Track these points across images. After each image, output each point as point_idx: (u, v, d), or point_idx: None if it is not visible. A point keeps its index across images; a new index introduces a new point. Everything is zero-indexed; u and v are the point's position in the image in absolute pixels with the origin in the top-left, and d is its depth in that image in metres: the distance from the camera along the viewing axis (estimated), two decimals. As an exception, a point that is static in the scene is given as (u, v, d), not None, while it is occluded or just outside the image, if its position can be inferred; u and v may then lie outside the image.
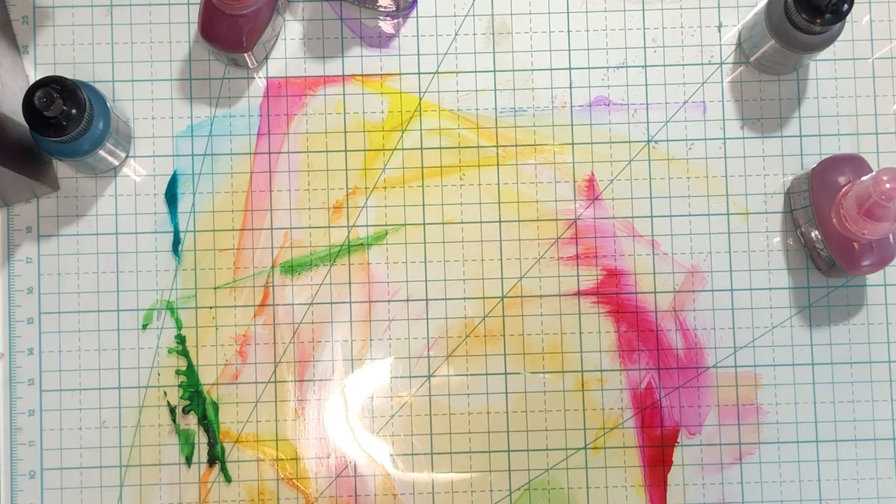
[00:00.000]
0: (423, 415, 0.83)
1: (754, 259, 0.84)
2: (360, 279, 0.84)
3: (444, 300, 0.83)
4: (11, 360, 0.83)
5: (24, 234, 0.84)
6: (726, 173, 0.84)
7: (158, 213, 0.84)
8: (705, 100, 0.85)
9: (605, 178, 0.84)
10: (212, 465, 0.83)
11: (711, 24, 0.85)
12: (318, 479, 0.83)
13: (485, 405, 0.83)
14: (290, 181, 0.84)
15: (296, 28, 0.85)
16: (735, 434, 0.83)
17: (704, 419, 0.83)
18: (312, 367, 0.83)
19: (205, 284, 0.84)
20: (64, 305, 0.83)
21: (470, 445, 0.83)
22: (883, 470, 0.83)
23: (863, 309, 0.84)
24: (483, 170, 0.84)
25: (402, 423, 0.83)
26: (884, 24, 0.85)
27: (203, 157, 0.84)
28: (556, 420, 0.83)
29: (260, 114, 0.85)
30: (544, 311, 0.83)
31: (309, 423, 0.83)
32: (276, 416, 0.83)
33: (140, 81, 0.85)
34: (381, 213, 0.84)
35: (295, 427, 0.83)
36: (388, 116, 0.85)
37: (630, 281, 0.84)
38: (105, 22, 0.85)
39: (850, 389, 0.83)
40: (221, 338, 0.83)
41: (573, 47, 0.85)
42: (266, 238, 0.84)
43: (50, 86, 0.75)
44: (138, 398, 0.83)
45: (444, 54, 0.85)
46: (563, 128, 0.85)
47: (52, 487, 0.82)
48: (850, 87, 0.85)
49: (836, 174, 0.80)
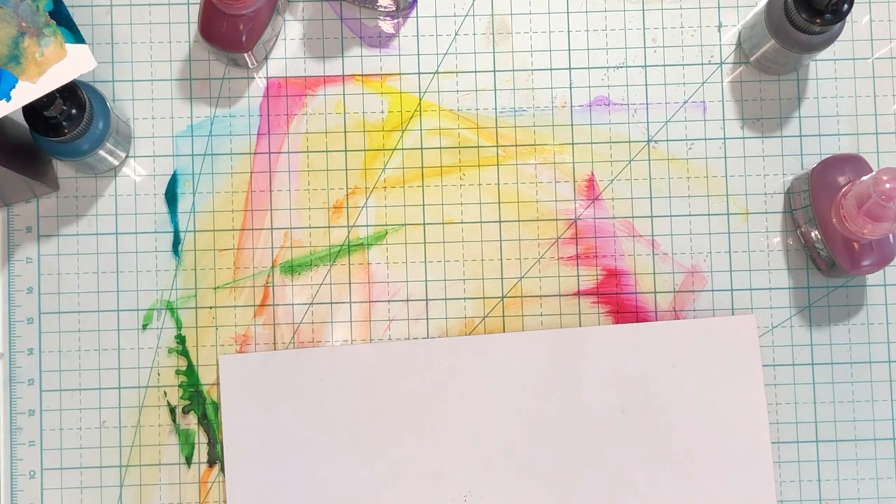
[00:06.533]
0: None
1: (754, 259, 0.84)
2: (360, 279, 0.84)
3: (444, 300, 0.84)
4: (11, 360, 0.83)
5: (24, 234, 0.84)
6: (726, 173, 0.84)
7: (158, 213, 0.84)
8: (705, 100, 0.85)
9: (605, 178, 0.84)
10: (212, 465, 0.83)
11: (711, 24, 0.85)
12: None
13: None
14: (290, 181, 0.84)
15: (296, 28, 0.85)
16: (735, 434, 0.83)
17: (704, 419, 0.84)
18: (312, 367, 0.83)
19: (205, 284, 0.84)
20: (64, 305, 0.83)
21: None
22: (883, 470, 0.83)
23: (863, 309, 0.84)
24: (483, 170, 0.84)
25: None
26: (884, 24, 0.85)
27: (203, 157, 0.84)
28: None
29: (260, 114, 0.85)
30: (544, 311, 0.83)
31: (309, 423, 0.83)
32: (276, 416, 0.83)
33: (140, 81, 0.85)
34: (381, 213, 0.84)
35: (295, 427, 0.83)
36: (388, 116, 0.85)
37: (630, 281, 0.84)
38: (105, 22, 0.85)
39: (850, 389, 0.83)
40: (221, 338, 0.83)
41: (573, 47, 0.85)
42: (266, 238, 0.84)
43: (50, 86, 0.75)
44: (138, 398, 0.83)
45: (444, 54, 0.85)
46: (563, 128, 0.85)
47: (52, 487, 0.82)
48: (850, 87, 0.85)
49: (836, 174, 0.80)
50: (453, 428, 0.81)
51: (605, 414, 0.81)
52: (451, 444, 0.81)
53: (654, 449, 0.81)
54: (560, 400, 0.81)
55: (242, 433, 0.81)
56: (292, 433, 0.81)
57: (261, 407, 0.81)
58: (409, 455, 0.81)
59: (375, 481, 0.81)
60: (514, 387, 0.81)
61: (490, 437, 0.81)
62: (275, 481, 0.81)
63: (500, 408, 0.81)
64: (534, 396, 0.81)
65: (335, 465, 0.81)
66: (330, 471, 0.81)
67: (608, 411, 0.81)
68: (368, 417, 0.81)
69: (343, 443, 0.81)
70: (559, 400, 0.81)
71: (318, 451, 0.81)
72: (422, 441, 0.81)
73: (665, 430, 0.81)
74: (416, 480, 0.81)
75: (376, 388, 0.81)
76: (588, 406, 0.81)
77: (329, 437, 0.81)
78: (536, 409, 0.81)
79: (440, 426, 0.81)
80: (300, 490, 0.81)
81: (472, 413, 0.81)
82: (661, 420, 0.81)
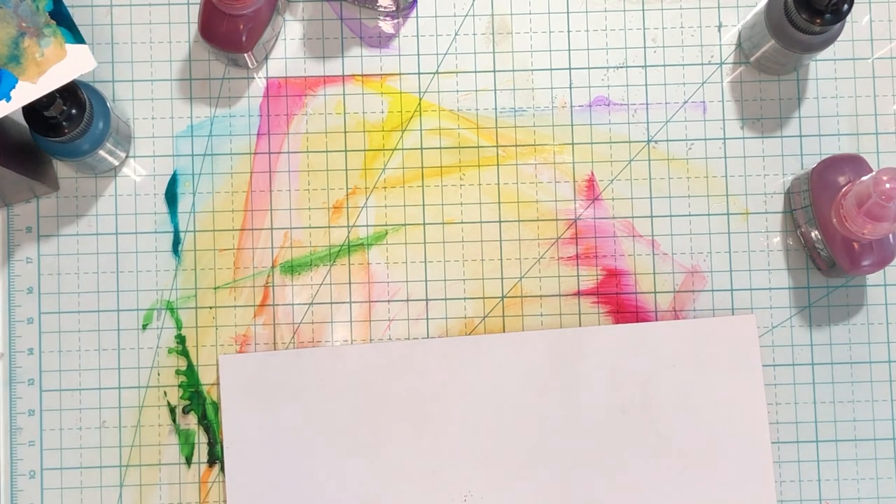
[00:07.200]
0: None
1: (754, 259, 0.84)
2: (360, 279, 0.84)
3: (444, 300, 0.84)
4: (11, 360, 0.83)
5: (24, 234, 0.84)
6: (726, 173, 0.84)
7: (158, 213, 0.84)
8: (705, 100, 0.85)
9: (605, 178, 0.84)
10: (212, 465, 0.83)
11: (711, 24, 0.85)
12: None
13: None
14: (290, 181, 0.84)
15: (296, 28, 0.85)
16: (735, 434, 0.83)
17: (704, 419, 0.84)
18: (312, 367, 0.83)
19: (205, 284, 0.84)
20: (64, 305, 0.83)
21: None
22: (883, 470, 0.83)
23: (863, 309, 0.84)
24: (483, 170, 0.84)
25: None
26: (884, 24, 0.85)
27: (203, 157, 0.84)
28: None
29: (260, 114, 0.85)
30: (544, 311, 0.83)
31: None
32: (276, 416, 0.83)
33: (140, 81, 0.85)
34: (381, 213, 0.84)
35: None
36: (388, 116, 0.85)
37: (630, 281, 0.84)
38: (105, 22, 0.85)
39: (850, 389, 0.83)
40: (221, 338, 0.83)
41: (573, 47, 0.85)
42: (266, 238, 0.84)
43: (50, 86, 0.75)
44: (138, 398, 0.83)
45: (444, 54, 0.85)
46: (563, 128, 0.85)
47: (52, 487, 0.82)
48: (850, 87, 0.85)
49: (836, 174, 0.80)
50: (453, 428, 0.81)
51: (605, 414, 0.81)
52: (451, 443, 0.81)
53: (654, 449, 0.81)
54: (560, 400, 0.81)
55: (242, 433, 0.81)
56: (292, 433, 0.81)
57: (261, 407, 0.81)
58: (408, 455, 0.81)
59: (375, 481, 0.81)
60: (513, 387, 0.81)
61: (490, 437, 0.81)
62: (275, 481, 0.81)
63: (500, 408, 0.81)
64: (534, 396, 0.81)
65: (335, 465, 0.81)
66: (330, 471, 0.81)
67: (608, 411, 0.81)
68: (368, 417, 0.81)
69: (343, 443, 0.81)
70: (559, 400, 0.81)
71: (318, 451, 0.81)
72: (422, 441, 0.81)
73: (665, 430, 0.81)
74: (416, 480, 0.81)
75: (376, 388, 0.81)
76: (588, 406, 0.81)
77: (329, 437, 0.81)
78: (536, 409, 0.81)
79: (440, 426, 0.81)
80: (300, 490, 0.81)
81: (471, 413, 0.81)
82: (661, 420, 0.81)
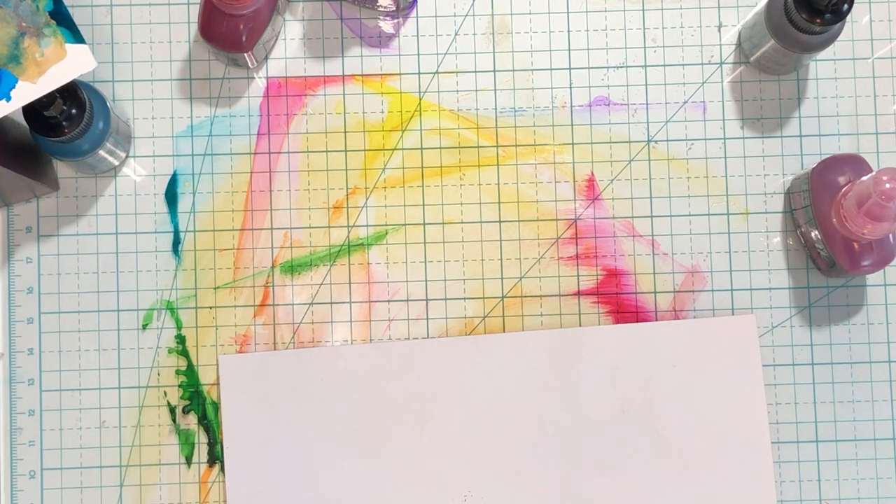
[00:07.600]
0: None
1: (754, 259, 0.84)
2: (360, 279, 0.84)
3: (444, 300, 0.84)
4: (11, 360, 0.83)
5: (24, 234, 0.84)
6: (726, 173, 0.84)
7: (158, 213, 0.84)
8: (705, 100, 0.85)
9: (605, 178, 0.84)
10: (212, 465, 0.83)
11: (711, 24, 0.85)
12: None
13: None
14: (290, 181, 0.84)
15: (296, 28, 0.85)
16: (735, 434, 0.83)
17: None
18: (312, 367, 0.83)
19: (205, 284, 0.84)
20: (64, 305, 0.83)
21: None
22: (883, 470, 0.83)
23: (863, 309, 0.84)
24: (483, 170, 0.84)
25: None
26: (884, 24, 0.85)
27: (203, 157, 0.84)
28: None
29: (260, 114, 0.85)
30: (544, 311, 0.83)
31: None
32: (276, 416, 0.83)
33: (140, 81, 0.85)
34: (381, 213, 0.84)
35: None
36: (388, 116, 0.85)
37: (630, 281, 0.84)
38: (105, 22, 0.85)
39: (850, 389, 0.83)
40: (221, 338, 0.83)
41: (573, 47, 0.85)
42: (266, 238, 0.84)
43: (50, 86, 0.75)
44: (138, 398, 0.83)
45: (444, 54, 0.85)
46: (563, 128, 0.85)
47: (52, 487, 0.82)
48: (850, 87, 0.85)
49: (836, 174, 0.80)
50: (453, 428, 0.81)
51: (605, 414, 0.81)
52: (451, 443, 0.81)
53: (654, 449, 0.81)
54: (560, 400, 0.81)
55: (242, 433, 0.81)
56: (292, 433, 0.81)
57: (261, 407, 0.81)
58: (408, 455, 0.81)
59: (375, 481, 0.81)
60: (514, 387, 0.81)
61: (490, 437, 0.81)
62: (275, 481, 0.81)
63: (500, 408, 0.81)
64: (534, 396, 0.81)
65: (335, 465, 0.81)
66: (330, 471, 0.81)
67: (608, 411, 0.81)
68: (368, 417, 0.81)
69: (343, 443, 0.81)
70: (559, 400, 0.81)
71: (319, 451, 0.81)
72: (422, 441, 0.81)
73: (665, 430, 0.81)
74: (416, 480, 0.81)
75: (376, 388, 0.81)
76: (588, 406, 0.81)
77: (329, 437, 0.81)
78: (536, 409, 0.81)
79: (440, 426, 0.81)
80: (300, 490, 0.81)
81: (471, 413, 0.81)
82: (661, 420, 0.81)
